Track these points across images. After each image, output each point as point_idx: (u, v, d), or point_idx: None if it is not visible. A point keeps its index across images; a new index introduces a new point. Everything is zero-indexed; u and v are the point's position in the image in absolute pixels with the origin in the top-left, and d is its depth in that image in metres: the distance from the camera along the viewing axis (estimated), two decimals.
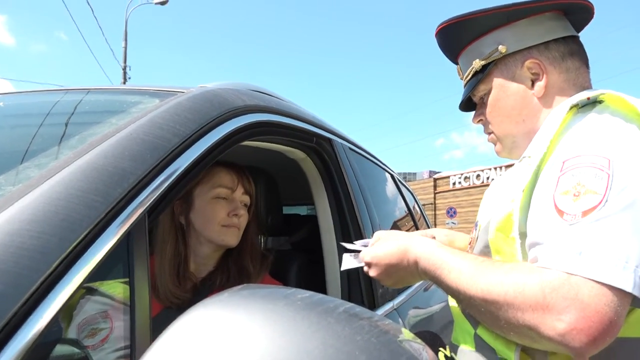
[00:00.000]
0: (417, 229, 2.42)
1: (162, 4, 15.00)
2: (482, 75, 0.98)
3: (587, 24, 1.01)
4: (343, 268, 1.08)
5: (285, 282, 1.47)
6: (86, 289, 0.59)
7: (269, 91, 1.37)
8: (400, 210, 2.34)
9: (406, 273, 0.92)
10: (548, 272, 0.67)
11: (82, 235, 0.56)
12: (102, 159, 0.65)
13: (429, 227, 3.11)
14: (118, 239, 0.60)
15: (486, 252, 0.87)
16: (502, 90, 0.96)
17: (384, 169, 2.31)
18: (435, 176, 25.88)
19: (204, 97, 0.95)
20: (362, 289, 1.41)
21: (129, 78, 15.11)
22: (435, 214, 23.63)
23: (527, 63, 0.93)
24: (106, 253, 0.58)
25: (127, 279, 0.63)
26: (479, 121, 1.05)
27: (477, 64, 0.98)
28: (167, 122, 0.79)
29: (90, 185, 0.60)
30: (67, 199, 0.57)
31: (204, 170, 1.25)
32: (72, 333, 0.58)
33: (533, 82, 0.93)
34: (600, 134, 0.75)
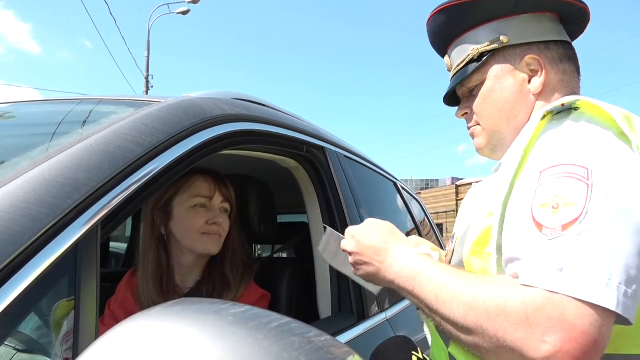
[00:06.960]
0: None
1: (184, 13, 15.25)
2: (478, 64, 0.93)
3: (578, 36, 0.99)
4: (322, 242, 1.10)
5: (276, 291, 1.45)
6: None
7: (257, 99, 1.36)
8: (402, 220, 2.30)
9: (376, 270, 0.87)
10: (530, 289, 0.63)
11: (22, 248, 0.55)
12: (55, 170, 0.65)
13: (439, 242, 3.03)
14: (64, 251, 0.60)
15: (462, 267, 0.84)
16: (497, 81, 0.91)
17: (386, 177, 2.28)
18: (458, 183, 25.54)
19: (178, 106, 0.95)
20: (352, 300, 1.39)
21: (152, 87, 15.40)
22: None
23: (527, 58, 0.89)
24: (49, 265, 0.58)
25: (72, 298, 0.62)
26: (463, 115, 1.00)
27: (475, 51, 0.93)
28: (132, 132, 0.79)
29: (36, 197, 0.60)
30: (8, 211, 0.57)
31: (182, 180, 1.26)
32: None
33: (530, 79, 0.90)
34: (577, 142, 0.72)
